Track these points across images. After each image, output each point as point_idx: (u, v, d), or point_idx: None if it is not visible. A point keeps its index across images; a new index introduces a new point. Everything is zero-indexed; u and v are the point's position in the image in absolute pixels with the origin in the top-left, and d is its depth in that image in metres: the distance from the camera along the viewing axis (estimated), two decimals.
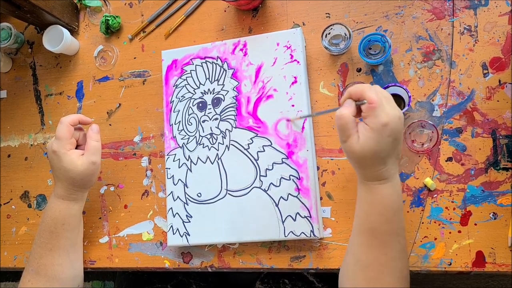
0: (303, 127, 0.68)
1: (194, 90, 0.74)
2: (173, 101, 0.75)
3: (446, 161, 0.65)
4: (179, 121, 0.74)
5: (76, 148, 0.72)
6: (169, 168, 0.73)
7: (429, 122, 0.64)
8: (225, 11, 0.78)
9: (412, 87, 0.67)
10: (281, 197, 0.67)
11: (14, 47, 0.89)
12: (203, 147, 0.72)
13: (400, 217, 0.56)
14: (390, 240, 0.55)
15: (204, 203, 0.71)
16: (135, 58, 0.82)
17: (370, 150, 0.52)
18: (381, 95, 0.53)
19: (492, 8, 0.66)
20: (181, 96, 0.75)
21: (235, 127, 0.71)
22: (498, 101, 0.64)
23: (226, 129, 0.71)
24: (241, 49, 0.73)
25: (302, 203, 0.66)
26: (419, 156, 0.66)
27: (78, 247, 0.75)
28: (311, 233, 0.65)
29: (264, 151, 0.69)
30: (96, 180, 0.73)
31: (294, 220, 0.66)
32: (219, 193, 0.70)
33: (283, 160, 0.68)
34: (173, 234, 0.71)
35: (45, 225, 0.70)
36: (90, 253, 0.78)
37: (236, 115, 0.71)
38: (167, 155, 0.74)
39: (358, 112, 0.55)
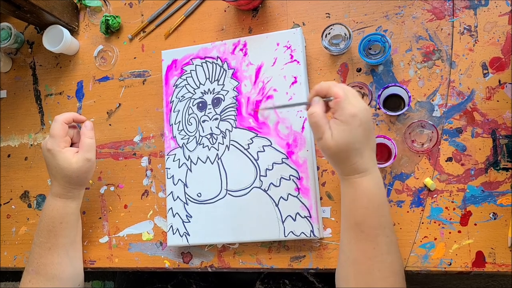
0: (303, 127, 0.68)
1: (194, 90, 0.74)
2: (173, 101, 0.75)
3: (446, 161, 0.65)
4: (179, 121, 0.74)
5: (71, 146, 0.72)
6: (169, 168, 0.73)
7: (429, 122, 0.64)
8: (225, 11, 0.78)
9: (412, 87, 0.67)
10: (281, 197, 0.67)
11: (14, 47, 0.89)
12: (203, 147, 0.72)
13: (385, 210, 0.56)
14: (377, 234, 0.55)
15: (204, 203, 0.71)
16: (135, 58, 0.82)
17: (344, 143, 0.54)
18: (346, 90, 0.55)
19: (492, 8, 0.66)
20: (181, 96, 0.75)
21: (235, 127, 0.71)
22: (498, 101, 0.64)
23: (226, 129, 0.71)
24: (241, 49, 0.73)
25: (302, 203, 0.66)
26: (419, 156, 0.66)
27: (77, 246, 0.75)
28: (311, 233, 0.65)
29: (264, 151, 0.69)
30: (91, 177, 0.73)
31: (294, 220, 0.66)
32: (219, 193, 0.70)
33: (283, 160, 0.68)
34: (173, 234, 0.71)
35: (43, 224, 0.70)
36: (90, 253, 0.78)
37: (236, 115, 0.71)
38: (167, 155, 0.74)
39: (328, 108, 0.57)
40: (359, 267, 0.56)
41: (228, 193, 0.70)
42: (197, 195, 0.71)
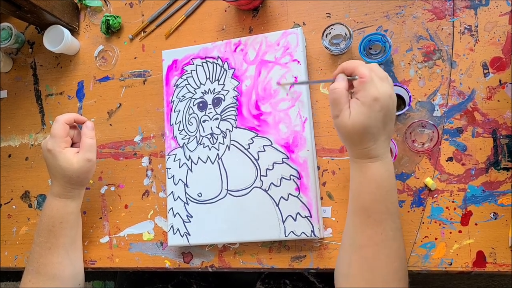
0: (303, 127, 0.68)
1: (194, 90, 0.74)
2: (174, 101, 0.75)
3: (446, 161, 0.65)
4: (180, 121, 0.74)
5: (72, 146, 0.72)
6: (170, 168, 0.73)
7: (430, 122, 0.64)
8: (225, 11, 0.78)
9: (413, 87, 0.67)
10: (282, 197, 0.67)
11: (14, 47, 0.90)
12: (204, 147, 0.72)
13: (393, 196, 0.56)
14: (384, 219, 0.55)
15: (204, 203, 0.71)
16: (135, 58, 0.82)
17: (360, 125, 0.53)
18: (374, 73, 0.54)
19: (493, 8, 0.66)
20: (182, 96, 0.75)
21: (236, 127, 0.71)
22: (498, 101, 0.64)
23: (227, 129, 0.71)
24: (242, 49, 0.73)
25: (303, 203, 0.66)
26: (420, 156, 0.66)
27: (78, 245, 0.75)
28: (312, 233, 0.65)
29: (264, 151, 0.69)
30: (92, 177, 0.73)
31: (295, 220, 0.66)
32: (220, 193, 0.70)
33: (284, 160, 0.68)
34: (174, 234, 0.71)
35: (44, 224, 0.70)
36: (91, 253, 0.78)
37: (237, 115, 0.71)
38: (168, 155, 0.74)
39: (351, 87, 0.56)
40: (365, 253, 0.55)
41: (229, 193, 0.70)
42: (198, 195, 0.71)
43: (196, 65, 0.75)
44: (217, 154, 0.71)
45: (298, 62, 0.69)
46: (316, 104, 0.71)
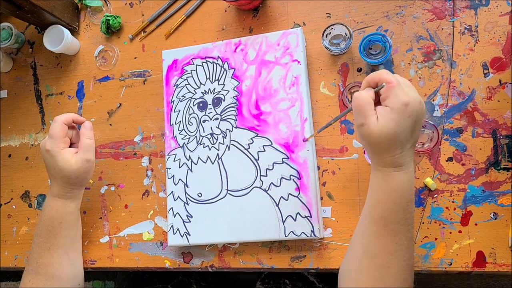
0: (303, 127, 0.68)
1: (194, 90, 0.74)
2: (174, 101, 0.75)
3: (446, 161, 0.65)
4: (180, 121, 0.74)
5: (70, 146, 0.72)
6: (170, 168, 0.73)
7: (430, 122, 0.64)
8: (225, 11, 0.78)
9: None
10: (282, 197, 0.67)
11: (14, 47, 0.90)
12: (204, 147, 0.72)
13: (412, 206, 0.55)
14: (401, 229, 0.54)
15: (204, 203, 0.71)
16: (135, 58, 0.82)
17: (389, 132, 0.51)
18: (399, 79, 0.53)
19: (493, 8, 0.66)
20: (182, 96, 0.75)
21: (236, 127, 0.71)
22: (498, 101, 0.64)
23: (227, 129, 0.71)
24: (242, 49, 0.73)
25: (303, 203, 0.66)
26: (420, 156, 0.66)
27: (77, 246, 0.75)
28: (312, 233, 0.65)
29: (264, 151, 0.69)
30: (91, 177, 0.73)
31: (295, 220, 0.66)
32: (220, 193, 0.70)
33: (284, 160, 0.68)
34: (174, 234, 0.71)
35: (43, 224, 0.70)
36: (91, 253, 0.78)
37: (237, 115, 0.71)
38: (168, 155, 0.74)
39: (377, 100, 0.55)
40: (378, 261, 0.55)
41: (229, 193, 0.70)
42: (198, 195, 0.71)
43: (196, 65, 0.75)
44: (217, 154, 0.71)
45: (298, 62, 0.70)
46: (316, 104, 0.71)
